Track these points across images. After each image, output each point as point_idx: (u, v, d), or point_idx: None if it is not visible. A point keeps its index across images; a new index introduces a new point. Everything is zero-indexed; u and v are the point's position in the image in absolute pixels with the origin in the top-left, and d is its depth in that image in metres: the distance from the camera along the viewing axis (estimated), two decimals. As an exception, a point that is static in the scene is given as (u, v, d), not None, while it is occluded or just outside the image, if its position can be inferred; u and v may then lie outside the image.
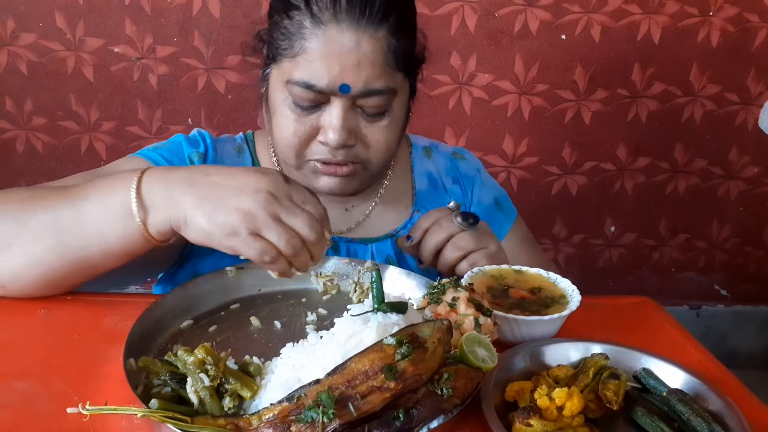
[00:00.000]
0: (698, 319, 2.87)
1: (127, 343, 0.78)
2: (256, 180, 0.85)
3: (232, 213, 0.82)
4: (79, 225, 0.89)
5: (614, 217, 2.68)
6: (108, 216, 0.88)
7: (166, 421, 0.64)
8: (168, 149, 1.21)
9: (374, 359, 0.67)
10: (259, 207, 0.82)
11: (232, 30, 2.27)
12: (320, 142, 1.08)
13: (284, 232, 0.83)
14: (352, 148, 1.10)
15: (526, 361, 0.84)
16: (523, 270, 1.05)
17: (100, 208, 0.89)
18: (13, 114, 2.34)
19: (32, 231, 0.90)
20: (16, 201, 0.94)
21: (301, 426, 0.65)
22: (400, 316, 0.76)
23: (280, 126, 1.10)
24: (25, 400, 0.76)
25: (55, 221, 0.90)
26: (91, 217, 0.89)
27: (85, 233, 0.89)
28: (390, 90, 1.07)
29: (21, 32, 2.23)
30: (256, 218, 0.82)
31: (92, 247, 0.90)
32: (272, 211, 0.83)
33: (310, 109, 1.07)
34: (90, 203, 0.89)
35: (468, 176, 1.38)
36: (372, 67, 1.03)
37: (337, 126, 1.05)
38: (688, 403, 0.76)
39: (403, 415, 0.67)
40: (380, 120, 1.10)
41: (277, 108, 1.10)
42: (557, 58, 2.37)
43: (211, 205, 0.83)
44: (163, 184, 0.87)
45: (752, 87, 2.47)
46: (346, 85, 1.02)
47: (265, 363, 0.80)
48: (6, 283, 0.94)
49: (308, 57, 1.02)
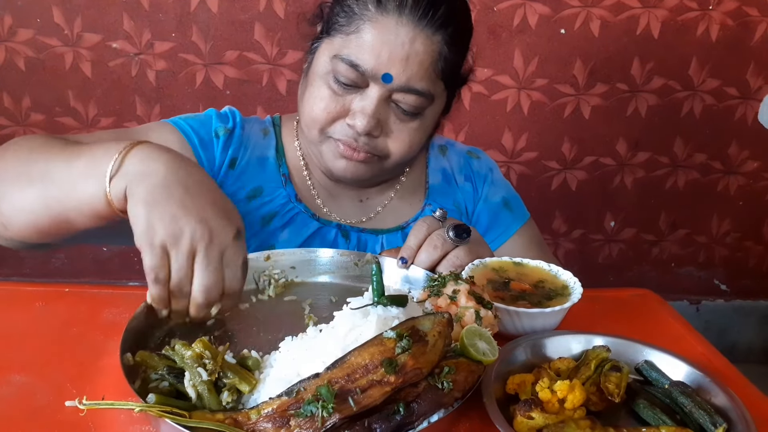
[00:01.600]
0: (698, 313, 2.86)
1: (123, 337, 0.77)
2: (216, 217, 0.81)
3: (168, 218, 0.79)
4: (65, 179, 0.88)
5: (614, 212, 2.68)
6: (90, 174, 0.86)
7: (164, 416, 0.64)
8: (198, 121, 1.23)
9: (374, 353, 0.67)
10: (191, 234, 0.79)
11: (230, 25, 2.26)
12: (347, 124, 1.10)
13: (184, 271, 0.80)
14: (374, 139, 1.11)
15: (528, 354, 0.84)
16: (524, 262, 1.05)
17: (88, 165, 0.87)
18: (10, 110, 2.33)
19: (30, 178, 0.91)
20: (27, 148, 0.96)
21: (301, 420, 0.64)
22: (401, 309, 0.76)
23: (313, 98, 1.11)
24: (23, 394, 0.76)
25: (48, 172, 0.90)
26: (77, 173, 0.87)
27: (67, 189, 0.88)
28: (428, 94, 1.09)
29: (18, 28, 2.22)
30: (179, 240, 0.79)
31: (70, 203, 0.88)
32: (194, 247, 0.80)
33: (347, 89, 1.08)
34: (83, 160, 0.88)
35: (480, 174, 1.39)
36: (419, 67, 1.06)
37: (368, 112, 1.07)
38: (690, 396, 0.76)
39: (403, 409, 0.66)
40: (411, 121, 1.12)
41: (316, 80, 1.12)
42: (556, 52, 2.37)
43: (162, 199, 0.81)
44: (145, 161, 0.84)
45: (752, 81, 2.47)
46: (389, 75, 1.05)
47: (264, 357, 0.80)
48: (6, 223, 0.94)
49: (362, 38, 1.05)
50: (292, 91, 2.35)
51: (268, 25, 2.27)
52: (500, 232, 1.37)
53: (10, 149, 0.98)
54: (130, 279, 2.63)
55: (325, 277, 1.08)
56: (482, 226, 1.36)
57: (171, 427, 0.64)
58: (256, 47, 2.30)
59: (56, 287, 1.00)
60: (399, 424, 0.66)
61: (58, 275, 2.61)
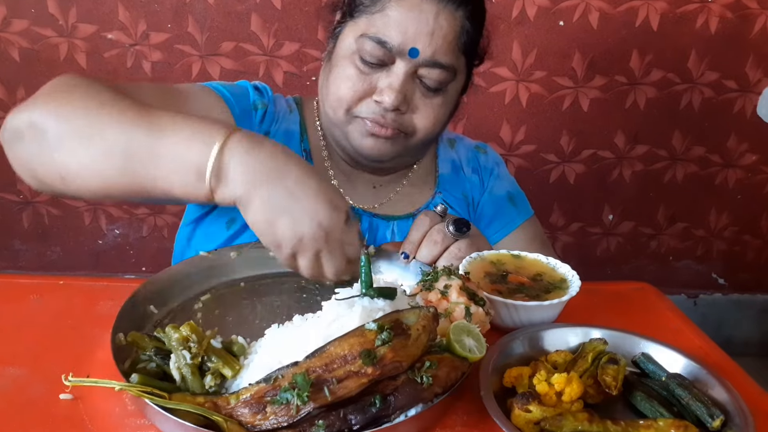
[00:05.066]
0: (696, 307, 2.87)
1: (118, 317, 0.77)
2: (324, 212, 0.87)
3: (287, 230, 0.86)
4: (150, 161, 0.88)
5: (612, 206, 2.67)
6: (180, 169, 0.87)
7: (143, 396, 0.64)
8: (236, 89, 1.25)
9: (354, 344, 0.67)
10: (310, 239, 0.87)
11: (226, 16, 2.25)
12: (375, 101, 1.11)
13: (315, 267, 0.90)
14: (401, 116, 1.13)
15: (525, 347, 0.84)
16: (522, 255, 1.04)
17: (175, 159, 0.87)
18: (5, 101, 2.32)
19: (105, 144, 0.89)
20: (97, 102, 0.92)
21: (276, 408, 0.65)
22: (387, 301, 0.76)
23: (339, 78, 1.13)
24: (18, 386, 0.75)
25: (129, 146, 0.88)
26: (164, 161, 0.87)
27: (154, 172, 0.88)
28: (452, 68, 1.12)
29: (13, 18, 2.21)
30: (302, 246, 0.87)
31: (156, 186, 0.89)
32: (317, 248, 0.88)
33: (373, 67, 1.10)
34: (167, 147, 0.87)
35: (486, 168, 1.42)
36: (443, 41, 1.09)
37: (396, 87, 1.09)
38: (687, 388, 0.76)
39: (379, 402, 0.66)
40: (435, 97, 1.14)
41: (341, 61, 1.13)
42: (555, 44, 2.36)
43: (274, 213, 0.86)
44: (244, 165, 0.86)
45: (751, 74, 2.46)
46: (415, 50, 1.07)
47: (251, 343, 0.80)
48: (68, 179, 0.92)
49: (387, 15, 1.08)
50: (288, 83, 2.33)
51: (264, 16, 2.26)
52: (503, 225, 1.37)
53: (73, 94, 0.94)
54: (125, 272, 2.62)
55: None
56: (486, 218, 1.37)
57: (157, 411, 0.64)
58: (253, 38, 2.28)
59: (51, 279, 0.99)
60: (375, 416, 0.66)
61: (53, 268, 2.60)
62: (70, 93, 0.95)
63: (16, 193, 2.48)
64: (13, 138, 0.94)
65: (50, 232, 2.56)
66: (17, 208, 2.51)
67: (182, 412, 0.65)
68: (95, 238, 2.57)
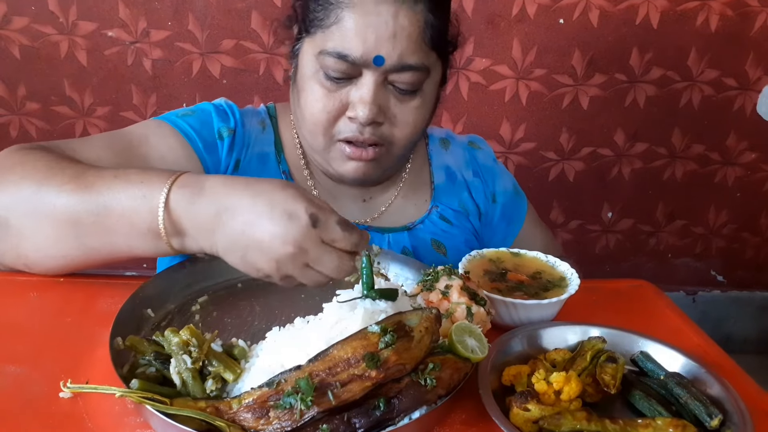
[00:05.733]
0: (694, 304, 2.87)
1: (115, 321, 0.77)
2: (283, 229, 0.80)
3: (260, 262, 0.82)
4: (104, 234, 0.88)
5: (611, 203, 2.67)
6: (136, 234, 0.87)
7: (144, 402, 0.64)
8: (197, 119, 1.17)
9: (357, 347, 0.66)
10: (286, 259, 0.81)
11: (226, 14, 2.25)
12: (349, 117, 1.06)
13: (312, 277, 0.84)
14: (379, 127, 1.07)
15: (524, 345, 0.84)
16: (521, 253, 1.05)
17: (127, 225, 0.86)
18: (6, 99, 2.32)
19: (56, 225, 0.88)
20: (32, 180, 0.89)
21: (279, 412, 0.64)
22: (389, 303, 0.75)
23: (308, 102, 1.07)
24: (17, 384, 0.75)
25: (79, 225, 0.88)
26: (118, 232, 0.87)
27: (111, 242, 0.89)
28: (424, 67, 1.05)
29: (13, 16, 2.20)
30: (284, 267, 0.82)
31: (121, 252, 0.91)
32: (301, 261, 0.82)
33: (340, 83, 1.04)
34: (114, 217, 0.86)
35: (487, 167, 1.37)
36: (408, 41, 1.01)
37: (368, 100, 1.03)
38: (685, 387, 0.76)
39: (383, 405, 0.66)
40: (411, 100, 1.07)
41: (306, 84, 1.08)
42: (555, 42, 2.35)
43: (242, 253, 0.83)
44: (192, 218, 0.84)
45: (751, 72, 2.46)
46: (380, 57, 1.00)
47: (252, 346, 0.79)
48: (30, 265, 0.96)
49: (343, 26, 1.01)
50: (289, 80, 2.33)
51: (265, 14, 2.25)
52: (518, 219, 1.38)
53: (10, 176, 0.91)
54: (126, 269, 2.62)
55: None
56: (504, 219, 1.36)
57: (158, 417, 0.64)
58: (253, 36, 2.28)
59: (51, 277, 0.99)
60: (379, 420, 0.66)
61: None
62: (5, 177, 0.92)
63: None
64: None
65: (50, 230, 2.56)
66: (17, 205, 2.51)
67: (184, 418, 0.64)
68: None
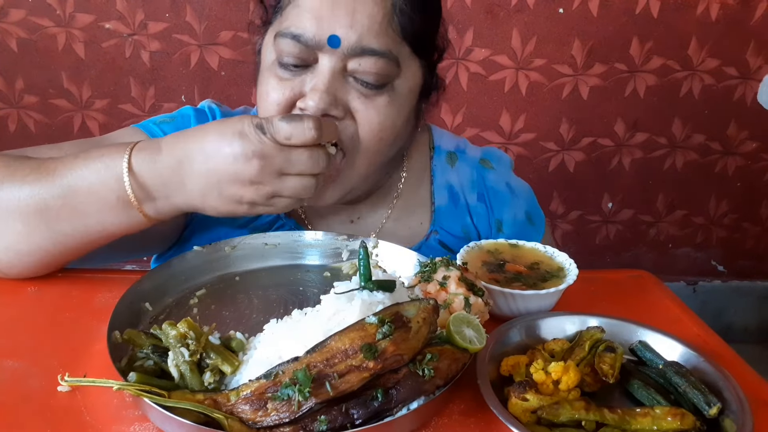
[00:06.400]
0: (695, 294, 2.87)
1: (113, 315, 0.77)
2: (242, 149, 0.80)
3: (241, 190, 0.81)
4: (74, 216, 0.86)
5: (611, 193, 2.67)
6: (105, 207, 0.85)
7: (142, 395, 0.64)
8: (175, 125, 1.11)
9: (354, 338, 0.66)
10: (261, 175, 0.80)
11: (224, 5, 2.24)
12: (300, 109, 0.94)
13: (295, 182, 0.82)
14: (339, 123, 0.94)
15: (522, 335, 0.84)
16: (520, 244, 1.04)
17: (96, 201, 0.85)
18: (4, 92, 2.31)
19: (23, 219, 0.87)
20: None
21: (277, 403, 0.64)
22: (387, 294, 0.75)
23: (262, 95, 0.98)
24: (16, 379, 0.75)
25: (47, 212, 0.86)
26: (87, 209, 0.86)
27: (83, 223, 0.87)
28: (389, 55, 0.92)
29: (10, 8, 2.20)
30: (266, 187, 0.81)
31: (91, 232, 0.88)
32: (274, 172, 0.80)
33: (296, 71, 0.94)
34: (81, 195, 0.85)
35: (496, 192, 1.20)
36: (370, 20, 0.90)
37: (321, 87, 0.91)
38: (684, 375, 0.76)
39: (381, 396, 0.66)
40: (378, 95, 0.94)
41: (262, 76, 0.99)
42: (555, 32, 2.34)
43: (217, 191, 0.82)
44: (157, 177, 0.84)
45: (751, 61, 2.45)
46: (335, 37, 0.89)
47: (250, 338, 0.79)
48: (4, 267, 0.93)
49: (298, 6, 0.92)
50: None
51: (262, 5, 2.24)
52: None
53: None
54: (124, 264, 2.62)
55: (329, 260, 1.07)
56: None
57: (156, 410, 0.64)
58: (251, 28, 2.27)
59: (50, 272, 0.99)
60: (377, 410, 0.66)
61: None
62: None
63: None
64: None
65: (50, 223, 2.56)
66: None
67: (182, 410, 0.64)
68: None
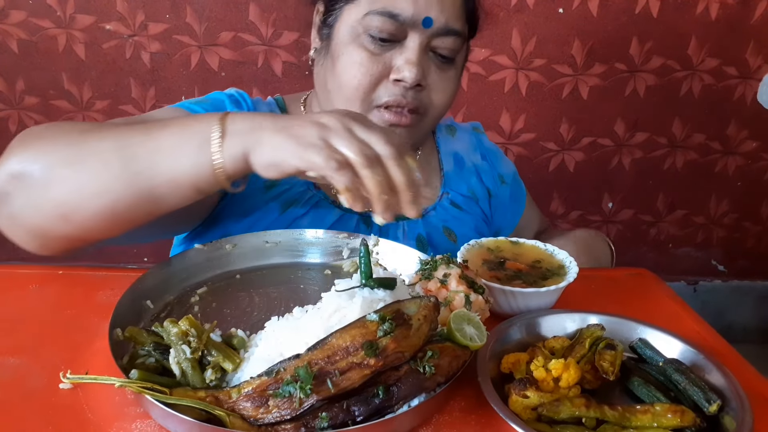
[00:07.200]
0: (695, 294, 2.87)
1: (114, 313, 0.77)
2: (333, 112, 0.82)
3: (306, 126, 0.79)
4: (152, 151, 0.84)
5: (612, 193, 2.67)
6: (185, 142, 0.83)
7: (143, 392, 0.64)
8: (211, 105, 1.16)
9: (356, 335, 0.66)
10: (333, 119, 0.79)
11: (224, 6, 2.24)
12: (394, 80, 1.06)
13: (356, 141, 0.77)
14: (420, 93, 1.08)
15: (522, 333, 0.84)
16: (520, 242, 1.04)
17: (179, 135, 0.83)
18: (4, 93, 2.32)
19: (100, 156, 0.84)
20: (77, 130, 0.88)
21: (279, 401, 0.64)
22: (387, 292, 0.75)
23: (348, 66, 1.07)
24: (18, 376, 0.75)
25: (126, 148, 0.84)
26: (167, 144, 0.83)
27: (157, 161, 0.83)
28: (462, 35, 1.09)
29: (11, 10, 2.20)
30: (329, 128, 0.78)
31: (162, 176, 0.84)
32: (346, 125, 0.79)
33: (384, 45, 1.05)
34: (168, 131, 0.84)
35: (492, 150, 1.40)
36: (453, 7, 1.06)
37: (414, 61, 1.04)
38: (684, 373, 0.76)
39: (382, 393, 0.66)
40: (448, 69, 1.10)
41: (346, 48, 1.07)
42: (555, 32, 2.35)
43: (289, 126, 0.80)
44: (247, 119, 0.83)
45: (751, 60, 2.45)
46: (429, 19, 1.03)
47: (251, 336, 0.80)
48: (70, 213, 0.87)
49: None
50: (287, 73, 2.33)
51: (262, 6, 2.25)
52: (522, 199, 1.40)
53: (46, 134, 0.89)
54: (127, 262, 2.63)
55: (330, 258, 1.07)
56: (513, 200, 1.38)
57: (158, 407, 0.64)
58: (251, 28, 2.27)
59: (50, 269, 1.00)
60: (378, 407, 0.66)
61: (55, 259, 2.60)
62: (42, 135, 0.89)
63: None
64: None
65: (51, 224, 2.56)
66: (18, 200, 2.51)
67: (183, 407, 0.64)
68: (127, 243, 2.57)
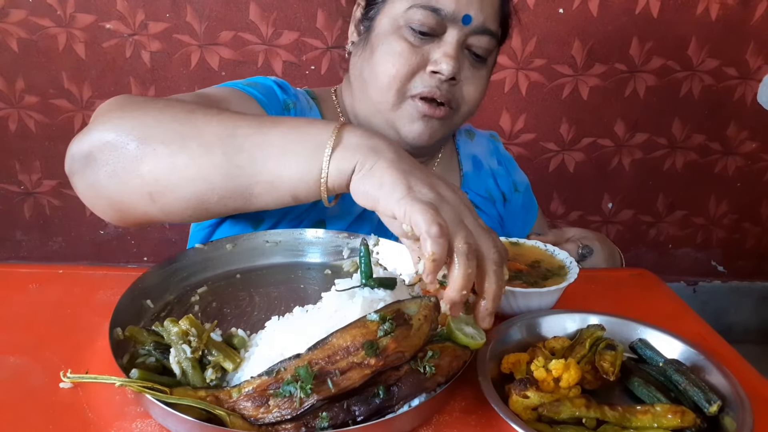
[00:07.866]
0: (695, 295, 2.87)
1: (114, 312, 0.77)
2: (451, 185, 0.78)
3: (425, 184, 0.74)
4: (259, 146, 0.82)
5: (612, 194, 2.67)
6: (297, 145, 0.81)
7: (144, 392, 0.64)
8: (262, 90, 1.16)
9: (356, 335, 0.66)
10: (451, 199, 0.74)
11: (225, 5, 2.24)
12: (431, 72, 1.08)
13: (465, 226, 0.72)
14: (454, 87, 1.11)
15: (523, 333, 0.84)
16: (521, 242, 1.04)
17: (290, 137, 0.81)
18: (4, 92, 2.32)
19: (203, 140, 0.83)
20: (185, 110, 0.86)
21: (279, 400, 0.64)
22: (388, 292, 0.75)
23: (388, 55, 1.09)
24: (18, 376, 0.75)
25: (232, 137, 0.82)
26: (277, 143, 0.81)
27: (262, 158, 0.81)
28: (496, 36, 1.13)
29: (11, 9, 2.20)
30: (445, 199, 0.74)
31: (263, 175, 0.82)
32: (462, 203, 0.75)
33: (424, 38, 1.08)
34: (278, 130, 0.82)
35: (507, 158, 1.45)
36: (491, 8, 1.10)
37: (452, 54, 1.07)
38: (684, 373, 0.76)
39: (383, 392, 0.66)
40: (482, 68, 1.14)
41: (386, 39, 1.10)
42: (555, 32, 2.35)
43: (409, 171, 0.75)
44: (365, 137, 0.80)
45: (751, 61, 2.45)
46: (468, 16, 1.07)
47: (251, 336, 0.80)
48: (157, 193, 0.85)
49: None
50: (287, 72, 2.33)
51: (263, 5, 2.25)
52: (534, 210, 1.44)
53: (148, 107, 0.87)
54: (127, 262, 2.63)
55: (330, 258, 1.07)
56: (524, 209, 1.41)
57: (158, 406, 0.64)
58: (252, 27, 2.27)
59: (50, 268, 0.99)
60: (379, 407, 0.66)
61: (55, 258, 2.61)
62: (144, 107, 0.87)
63: (17, 183, 2.48)
64: (84, 164, 0.87)
65: (52, 223, 2.56)
66: (18, 198, 2.51)
67: (184, 407, 0.64)
68: (97, 228, 2.58)
